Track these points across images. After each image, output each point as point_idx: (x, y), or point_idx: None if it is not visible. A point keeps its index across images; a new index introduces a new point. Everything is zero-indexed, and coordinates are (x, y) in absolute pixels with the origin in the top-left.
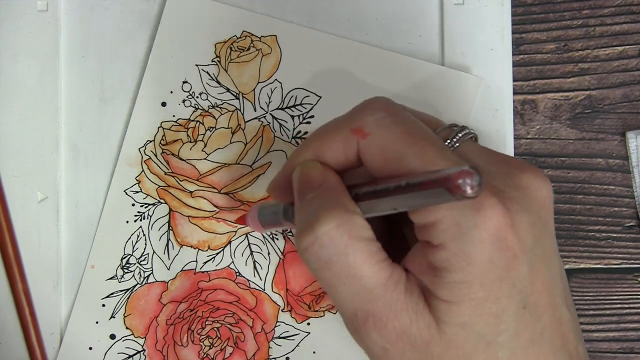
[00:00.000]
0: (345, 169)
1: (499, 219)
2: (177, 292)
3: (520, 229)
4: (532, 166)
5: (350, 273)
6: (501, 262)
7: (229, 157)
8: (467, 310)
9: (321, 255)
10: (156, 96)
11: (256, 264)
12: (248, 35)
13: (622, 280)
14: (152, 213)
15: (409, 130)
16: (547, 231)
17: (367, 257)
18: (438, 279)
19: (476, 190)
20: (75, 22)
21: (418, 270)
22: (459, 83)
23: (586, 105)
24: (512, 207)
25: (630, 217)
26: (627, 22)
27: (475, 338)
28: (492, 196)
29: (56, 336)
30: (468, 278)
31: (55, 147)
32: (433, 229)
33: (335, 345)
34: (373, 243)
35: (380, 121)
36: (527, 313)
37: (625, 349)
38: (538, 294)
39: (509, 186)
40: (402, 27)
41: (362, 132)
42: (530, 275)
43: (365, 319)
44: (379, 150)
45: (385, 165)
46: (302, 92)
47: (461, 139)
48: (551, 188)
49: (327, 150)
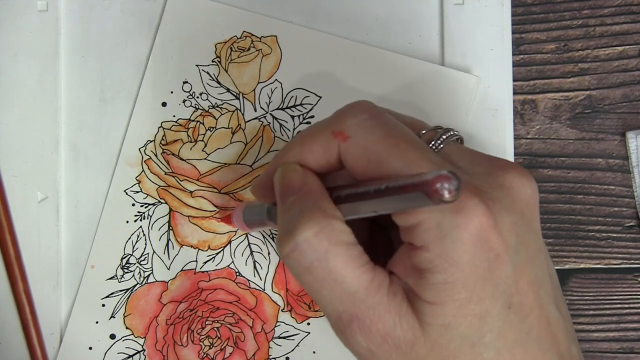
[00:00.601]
0: (328, 172)
1: (481, 220)
2: (177, 292)
3: (503, 229)
4: (515, 165)
5: (331, 278)
6: (484, 262)
7: (229, 157)
8: (451, 312)
9: (302, 261)
10: (156, 96)
11: (256, 263)
12: (248, 36)
13: (622, 280)
14: (152, 213)
15: (390, 132)
16: (532, 230)
17: (348, 261)
18: (422, 280)
19: (454, 195)
20: (75, 22)
21: (403, 272)
22: (458, 83)
23: (586, 105)
24: (494, 207)
25: (630, 217)
26: (627, 22)
27: (459, 339)
28: (474, 196)
29: (56, 336)
30: (451, 279)
31: (55, 147)
32: (416, 231)
33: (335, 345)
34: (354, 247)
35: (361, 124)
36: (512, 313)
37: (625, 349)
38: (523, 293)
39: (491, 186)
40: (402, 27)
41: (343, 135)
42: (514, 275)
43: (349, 322)
44: (360, 153)
45: (367, 168)
46: (302, 92)
47: (445, 140)
48: (536, 187)
49: (308, 153)
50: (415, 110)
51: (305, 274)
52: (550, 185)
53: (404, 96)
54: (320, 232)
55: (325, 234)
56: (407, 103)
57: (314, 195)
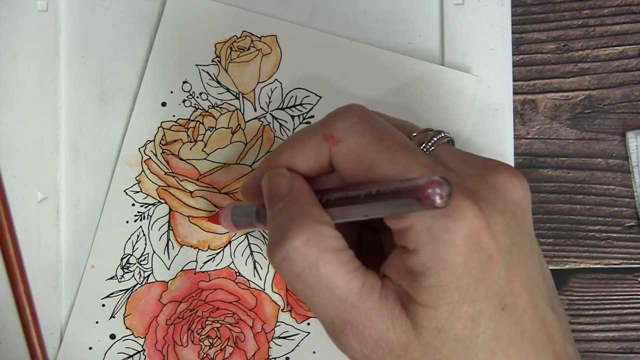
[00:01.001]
0: (318, 175)
1: (473, 221)
2: (177, 292)
3: (495, 230)
4: (507, 166)
5: (322, 285)
6: (476, 264)
7: (229, 157)
8: (444, 314)
9: (293, 269)
10: (156, 96)
11: (256, 263)
12: (248, 35)
13: (622, 280)
14: (152, 213)
15: (380, 135)
16: (525, 231)
17: (338, 267)
18: (416, 283)
19: (445, 201)
20: (75, 22)
21: (396, 275)
22: (458, 83)
23: (586, 105)
24: (486, 208)
25: (630, 217)
26: (627, 22)
27: (453, 341)
28: (465, 198)
29: (56, 336)
30: (444, 282)
31: (55, 147)
32: (407, 234)
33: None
34: (344, 252)
35: (352, 127)
36: (505, 314)
37: (625, 349)
38: (517, 294)
39: (483, 187)
40: (402, 27)
41: (334, 138)
42: (507, 275)
43: (342, 327)
44: (350, 156)
45: (358, 171)
46: (302, 92)
47: (436, 142)
48: (528, 188)
49: (299, 156)
50: (415, 110)
51: (297, 281)
52: (550, 185)
53: (403, 96)
54: (310, 240)
55: (315, 241)
56: (407, 103)
57: (301, 201)
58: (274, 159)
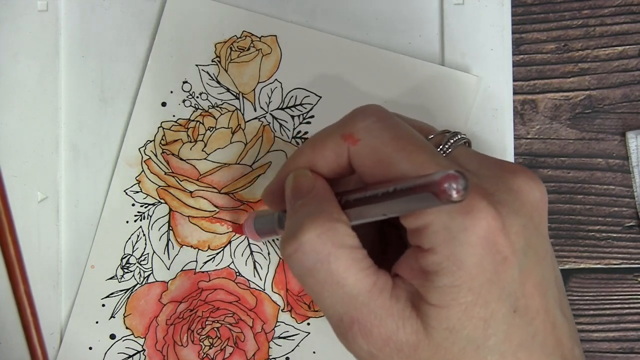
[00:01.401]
0: (339, 176)
1: (489, 222)
2: (177, 292)
3: (511, 232)
4: (524, 169)
5: (333, 280)
6: (490, 265)
7: (229, 157)
8: (456, 315)
9: (304, 262)
10: (156, 96)
11: (256, 264)
12: (248, 35)
13: (622, 280)
14: (152, 213)
15: (398, 135)
16: (540, 234)
17: (351, 264)
18: (429, 282)
19: (462, 194)
20: (75, 22)
21: (409, 274)
22: (459, 83)
23: (586, 105)
24: (502, 210)
25: (630, 217)
26: (627, 22)
27: (463, 342)
28: (482, 199)
29: (56, 336)
30: (458, 282)
31: (55, 147)
32: (423, 233)
33: (335, 345)
34: (357, 250)
35: (370, 127)
36: (517, 317)
37: (625, 349)
38: (529, 297)
39: (500, 189)
40: (402, 27)
41: (353, 138)
42: (520, 278)
43: (350, 325)
44: (369, 155)
45: (376, 170)
46: (302, 92)
47: (453, 144)
48: (545, 191)
49: (319, 157)
50: (416, 110)
51: (307, 275)
52: (550, 185)
53: (403, 96)
54: (324, 234)
55: (329, 236)
56: (407, 103)
57: (321, 199)
58: (295, 161)
